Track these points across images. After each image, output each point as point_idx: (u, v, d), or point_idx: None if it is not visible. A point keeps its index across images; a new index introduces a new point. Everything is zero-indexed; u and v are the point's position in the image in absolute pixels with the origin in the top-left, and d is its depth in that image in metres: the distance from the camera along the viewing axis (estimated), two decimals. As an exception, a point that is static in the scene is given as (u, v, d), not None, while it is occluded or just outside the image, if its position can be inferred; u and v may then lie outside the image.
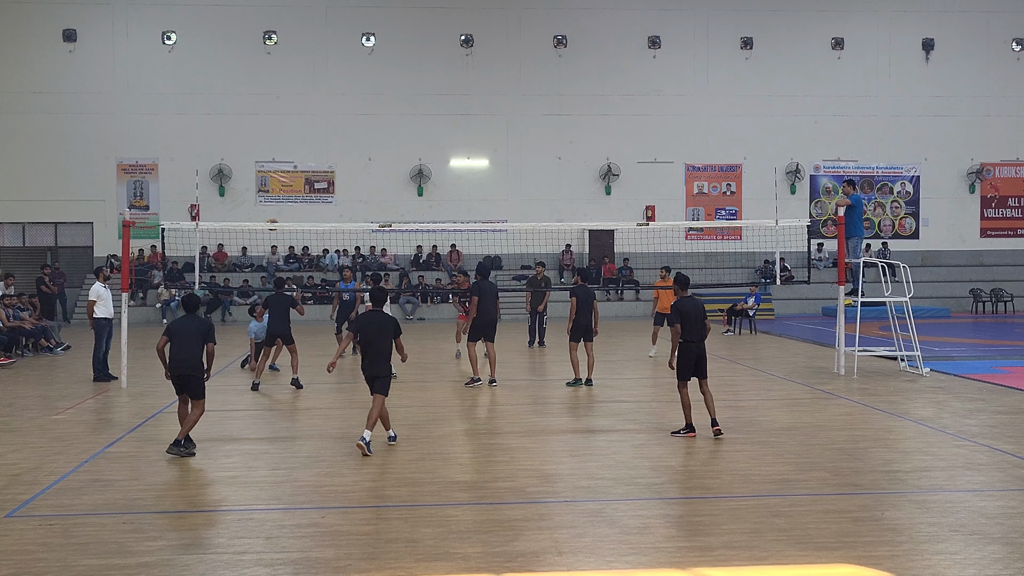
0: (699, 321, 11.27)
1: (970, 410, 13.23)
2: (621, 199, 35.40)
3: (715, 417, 11.38)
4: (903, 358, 17.47)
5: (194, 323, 10.63)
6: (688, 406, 11.31)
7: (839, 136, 36.39)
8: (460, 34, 35.05)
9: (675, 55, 35.77)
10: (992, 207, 37.28)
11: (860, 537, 7.46)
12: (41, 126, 33.53)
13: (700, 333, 11.27)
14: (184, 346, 10.37)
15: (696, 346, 11.24)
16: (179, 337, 10.43)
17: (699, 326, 11.26)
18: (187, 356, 10.36)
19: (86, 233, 34.15)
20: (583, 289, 15.75)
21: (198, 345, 10.43)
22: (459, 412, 13.46)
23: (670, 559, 6.99)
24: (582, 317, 15.62)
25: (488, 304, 15.61)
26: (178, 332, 10.48)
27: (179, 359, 10.37)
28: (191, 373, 10.39)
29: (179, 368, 10.37)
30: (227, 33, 34.31)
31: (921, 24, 36.67)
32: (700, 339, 11.26)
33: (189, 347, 10.37)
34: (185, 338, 10.41)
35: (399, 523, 7.87)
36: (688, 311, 11.23)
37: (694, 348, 11.24)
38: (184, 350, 10.36)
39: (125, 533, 7.64)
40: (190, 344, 10.38)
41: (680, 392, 11.40)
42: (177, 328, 10.54)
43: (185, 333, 10.45)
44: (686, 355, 11.26)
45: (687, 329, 11.17)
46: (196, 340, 10.43)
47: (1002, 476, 9.51)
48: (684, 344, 11.20)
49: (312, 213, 34.17)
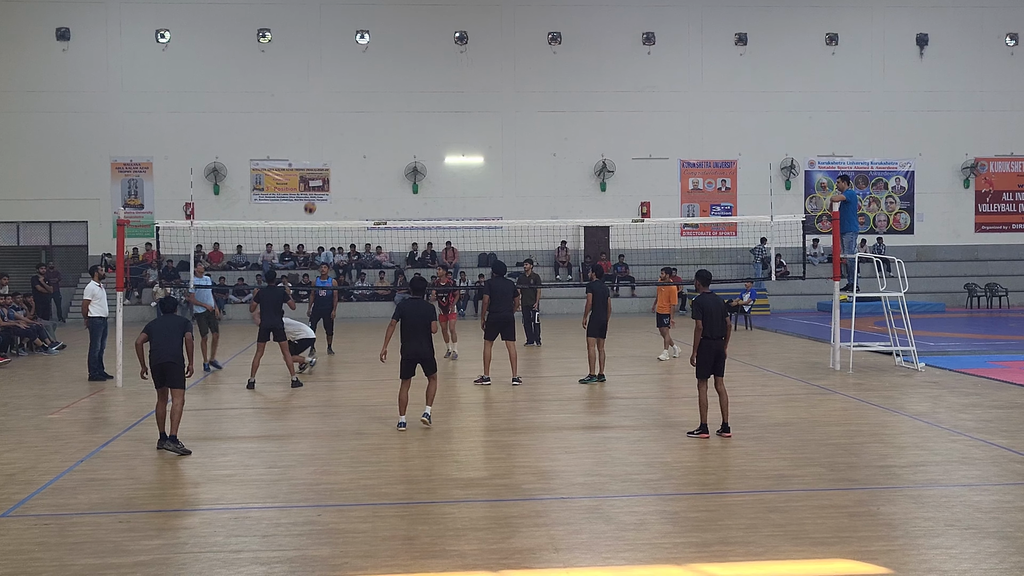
0: (720, 318, 11.13)
1: (965, 405, 13.25)
2: (616, 195, 35.42)
3: (727, 422, 11.19)
4: (898, 353, 17.49)
5: (172, 320, 10.91)
6: (705, 406, 11.11)
7: (834, 131, 36.42)
8: (455, 31, 35.02)
9: (670, 51, 35.77)
10: (987, 202, 37.33)
11: (856, 532, 7.47)
12: (35, 125, 33.46)
13: (721, 330, 11.13)
14: (164, 339, 10.62)
15: (716, 343, 11.08)
16: (159, 333, 10.66)
17: (720, 323, 11.12)
18: (168, 347, 10.58)
19: (81, 232, 34.10)
20: (599, 285, 15.71)
21: (178, 337, 10.69)
22: (456, 409, 13.45)
23: (666, 555, 6.99)
24: (599, 313, 15.57)
25: (500, 302, 15.42)
26: (157, 329, 10.73)
27: (160, 349, 10.56)
28: (173, 361, 10.55)
29: (161, 357, 10.53)
30: (221, 31, 34.26)
31: (915, 19, 36.71)
32: (720, 336, 11.11)
33: (169, 339, 10.63)
34: (165, 333, 10.67)
35: (395, 520, 7.87)
36: (710, 307, 11.08)
37: (714, 345, 11.07)
38: (165, 342, 10.60)
39: (121, 532, 7.63)
40: (170, 337, 10.64)
41: (699, 390, 11.19)
42: (156, 326, 10.78)
43: (165, 329, 10.71)
44: (706, 352, 11.09)
45: (708, 325, 11.02)
46: (176, 333, 10.70)
47: (997, 470, 9.52)
48: (704, 341, 11.04)
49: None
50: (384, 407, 13.43)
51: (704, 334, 11.04)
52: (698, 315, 11.06)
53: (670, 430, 11.64)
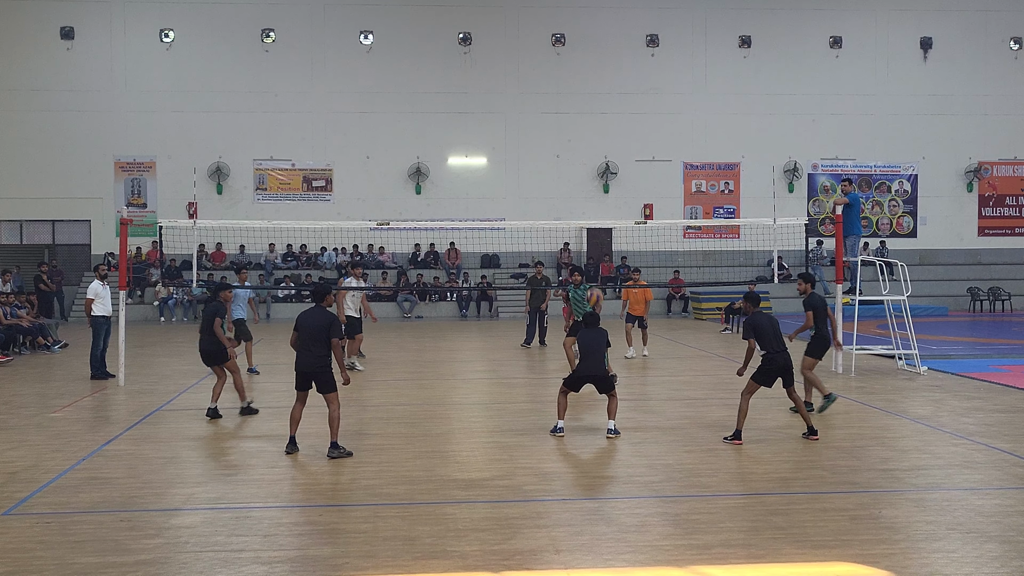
0: (775, 334, 11.23)
1: (967, 408, 13.24)
2: (619, 197, 35.41)
3: (811, 425, 11.28)
4: (901, 356, 17.48)
5: (320, 316, 10.45)
6: (744, 414, 11.15)
7: (837, 135, 36.41)
8: (458, 32, 35.04)
9: (673, 54, 35.77)
10: (990, 206, 37.30)
11: (857, 535, 7.46)
12: (39, 124, 33.49)
13: (780, 343, 11.24)
14: (307, 346, 10.33)
15: (781, 356, 11.16)
16: (304, 333, 10.36)
17: (777, 337, 11.23)
18: (310, 358, 10.32)
19: (84, 231, 34.13)
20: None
21: (323, 341, 10.30)
22: (457, 410, 13.45)
23: (668, 557, 6.99)
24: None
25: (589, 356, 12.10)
26: (303, 327, 10.40)
27: (304, 359, 10.34)
28: (316, 371, 10.32)
29: (305, 367, 10.34)
30: (225, 31, 34.29)
31: (919, 23, 36.69)
32: (782, 349, 11.21)
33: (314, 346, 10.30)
34: (308, 335, 10.32)
35: (397, 521, 7.87)
36: (763, 326, 11.22)
37: (779, 359, 11.15)
38: (307, 351, 10.33)
39: (123, 531, 7.64)
40: (315, 341, 10.29)
41: (743, 397, 11.24)
42: (302, 322, 10.45)
43: (309, 329, 10.35)
44: (770, 365, 11.15)
45: (766, 342, 11.14)
46: (321, 336, 10.30)
47: (999, 474, 9.51)
48: (768, 356, 11.14)
49: (310, 211, 34.16)
50: (385, 407, 13.44)
51: (765, 350, 11.16)
52: (750, 335, 11.20)
53: (671, 432, 11.64)
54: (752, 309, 11.67)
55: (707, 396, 14.82)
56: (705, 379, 16.88)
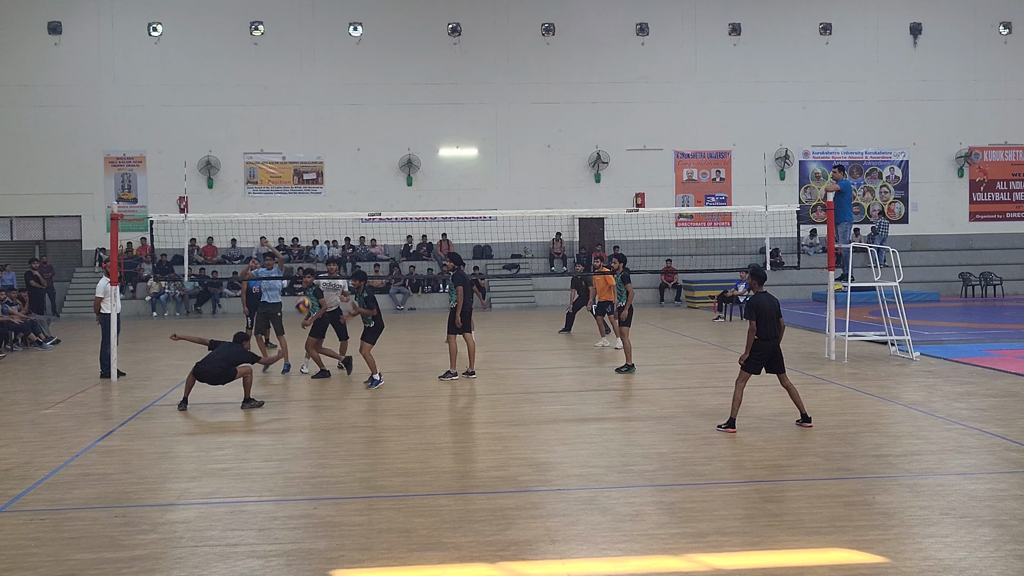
0: (774, 318, 10.80)
1: (960, 394, 13.28)
2: (611, 186, 35.40)
3: (805, 412, 11.04)
4: (893, 342, 17.53)
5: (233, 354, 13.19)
6: (739, 402, 10.90)
7: (828, 122, 36.44)
8: (448, 23, 34.95)
9: (663, 42, 35.74)
10: (981, 191, 37.39)
11: (851, 521, 7.49)
12: (27, 119, 33.34)
13: (775, 331, 10.80)
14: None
15: (770, 344, 10.78)
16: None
17: (774, 323, 10.79)
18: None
19: (74, 227, 34.01)
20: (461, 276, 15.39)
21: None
22: (450, 402, 13.46)
23: (663, 546, 7.00)
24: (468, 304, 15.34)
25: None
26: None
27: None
28: None
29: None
30: (213, 24, 34.15)
31: (908, 9, 36.70)
32: (774, 337, 10.79)
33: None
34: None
35: (392, 513, 7.87)
36: (765, 307, 10.74)
37: (767, 346, 10.78)
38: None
39: (117, 527, 7.62)
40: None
41: (736, 386, 10.95)
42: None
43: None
44: (759, 353, 10.79)
45: (762, 326, 10.71)
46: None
47: (992, 459, 9.55)
48: (758, 342, 10.75)
49: (301, 204, 34.06)
50: (379, 400, 13.44)
51: (758, 335, 10.75)
52: (752, 315, 10.77)
53: (665, 421, 11.66)
54: (758, 288, 11.19)
55: (700, 384, 14.84)
56: (698, 367, 16.91)
